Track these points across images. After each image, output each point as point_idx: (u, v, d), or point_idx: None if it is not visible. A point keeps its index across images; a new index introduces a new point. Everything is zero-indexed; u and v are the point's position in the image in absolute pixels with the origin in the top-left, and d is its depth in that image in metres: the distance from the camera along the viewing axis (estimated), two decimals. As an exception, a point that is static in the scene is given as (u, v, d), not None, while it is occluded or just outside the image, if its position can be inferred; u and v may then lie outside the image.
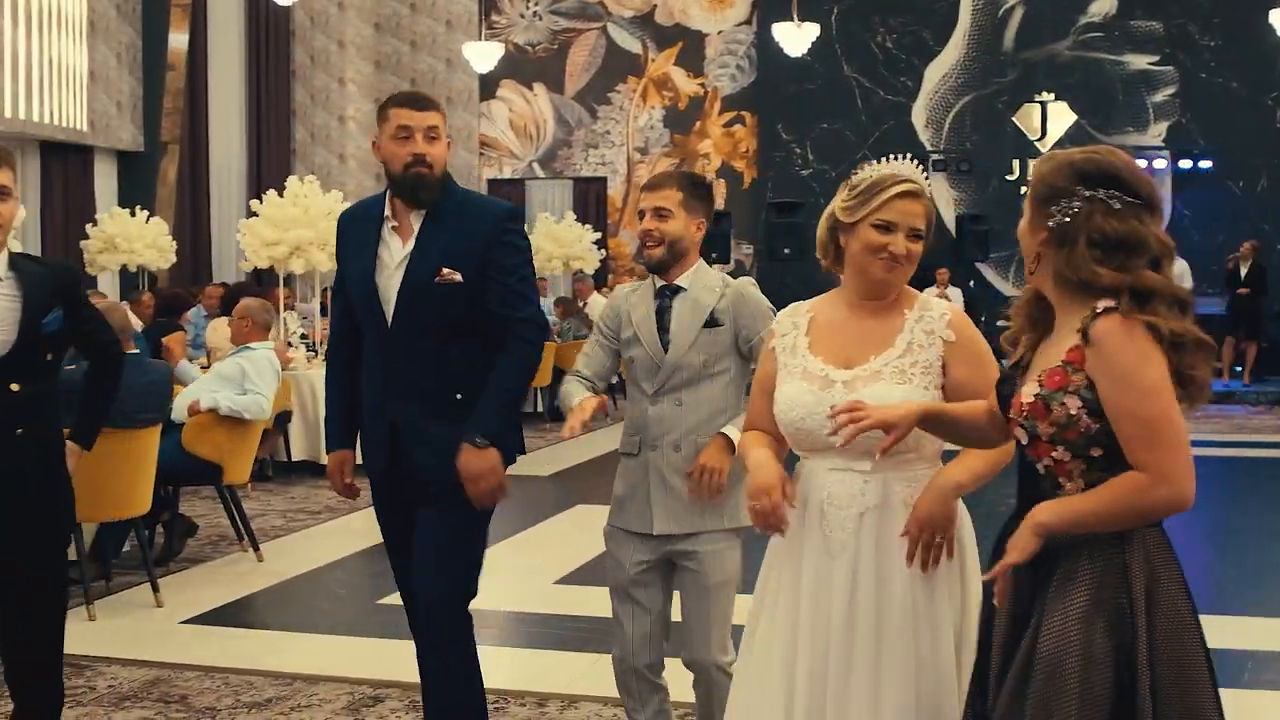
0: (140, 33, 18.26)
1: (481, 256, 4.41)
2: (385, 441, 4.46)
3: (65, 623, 4.67)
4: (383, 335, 4.43)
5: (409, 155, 4.36)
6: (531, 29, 23.20)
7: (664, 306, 4.43)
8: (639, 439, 4.41)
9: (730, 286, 4.42)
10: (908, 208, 3.42)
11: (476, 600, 7.46)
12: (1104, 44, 20.84)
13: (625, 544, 4.44)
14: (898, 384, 3.36)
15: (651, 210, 4.43)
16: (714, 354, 4.35)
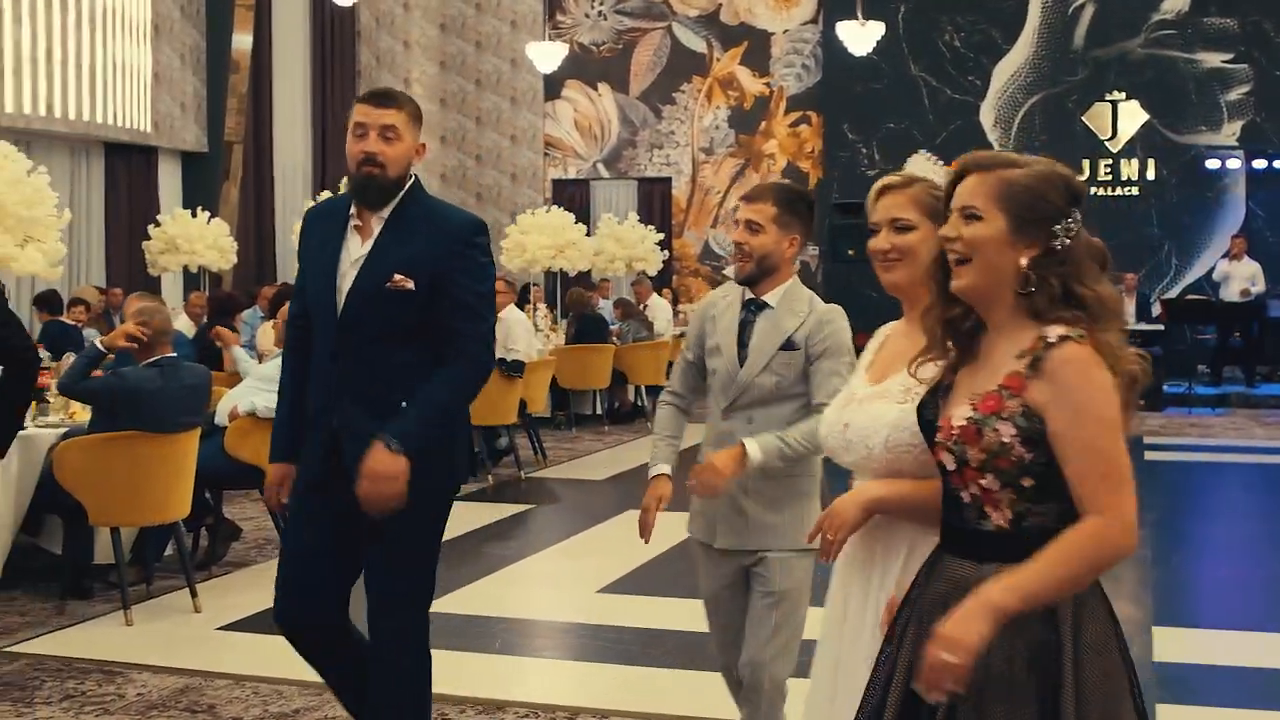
0: (204, 34, 18.34)
1: (438, 267, 4.28)
2: (324, 447, 4.33)
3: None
4: (330, 334, 4.32)
5: (360, 153, 4.25)
6: (596, 29, 23.12)
7: (748, 320, 4.35)
8: (712, 451, 4.31)
9: (814, 312, 4.31)
10: (887, 203, 3.36)
11: (514, 609, 7.43)
12: (1177, 41, 20.49)
13: (702, 554, 4.44)
14: (898, 403, 3.16)
15: (744, 223, 4.35)
16: (788, 376, 4.27)
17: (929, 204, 3.30)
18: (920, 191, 3.36)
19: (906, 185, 3.38)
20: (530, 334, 13.01)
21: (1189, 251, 20.31)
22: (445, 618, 7.25)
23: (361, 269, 4.29)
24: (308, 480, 4.41)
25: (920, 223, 3.31)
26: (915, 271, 3.27)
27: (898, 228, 3.33)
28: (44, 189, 8.33)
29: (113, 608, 7.21)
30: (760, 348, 4.28)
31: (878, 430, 3.14)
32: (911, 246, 3.31)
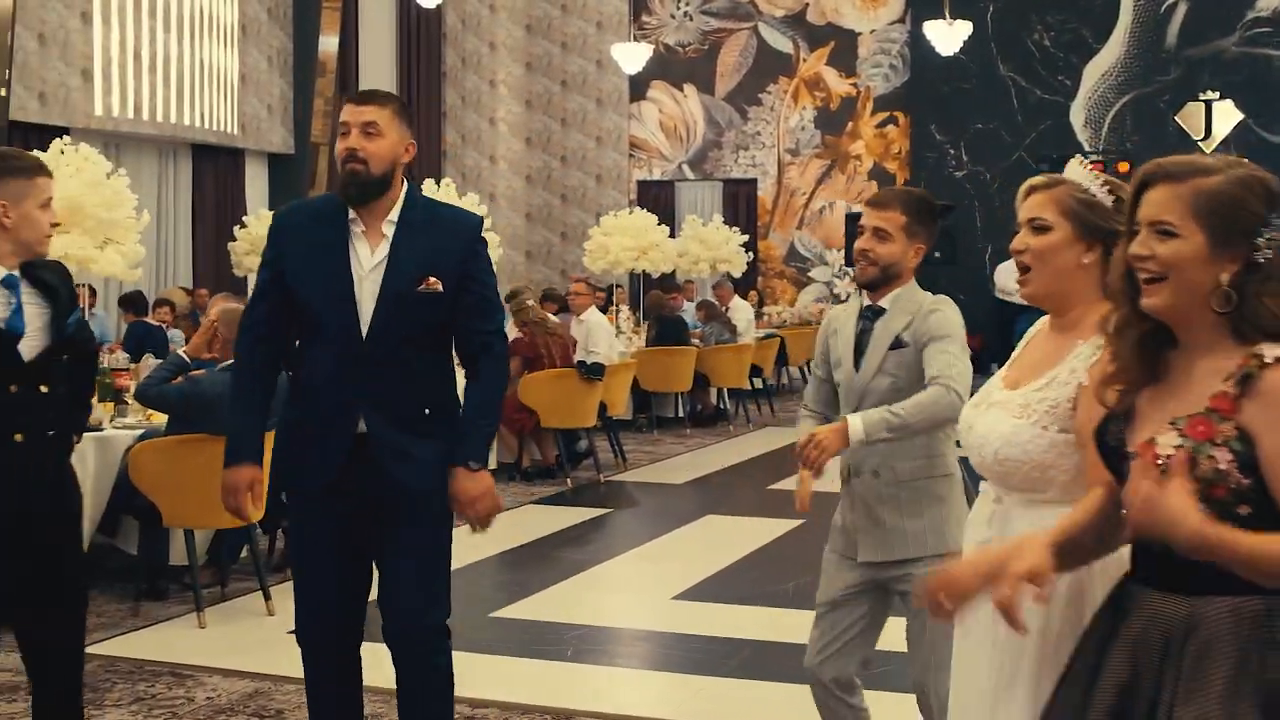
0: (291, 36, 18.45)
1: (459, 267, 4.33)
2: (340, 454, 4.30)
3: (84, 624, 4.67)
4: (353, 344, 4.28)
5: (343, 151, 4.25)
6: (682, 29, 23.03)
7: (865, 328, 4.29)
8: (847, 464, 4.31)
9: (921, 308, 4.22)
10: (1029, 203, 3.25)
11: (588, 615, 7.36)
12: (1273, 40, 20.08)
13: (838, 567, 4.34)
14: (1014, 417, 3.11)
15: (871, 230, 4.25)
16: (903, 376, 4.17)
17: (1070, 205, 3.19)
18: (1063, 193, 3.22)
19: (1051, 185, 3.25)
20: (611, 336, 12.95)
21: (1285, 254, 19.88)
22: (516, 624, 7.22)
23: (387, 274, 4.27)
24: (310, 488, 4.39)
25: (1058, 223, 3.19)
26: (1048, 277, 3.20)
27: (1035, 227, 3.22)
28: (123, 191, 8.36)
29: (187, 609, 7.22)
30: (873, 351, 4.23)
31: (990, 441, 3.12)
32: (1045, 249, 3.19)
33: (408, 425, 4.29)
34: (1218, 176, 2.57)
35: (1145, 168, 2.63)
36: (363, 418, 4.28)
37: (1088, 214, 3.17)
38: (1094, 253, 3.16)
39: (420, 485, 4.30)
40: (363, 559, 4.45)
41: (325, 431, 4.33)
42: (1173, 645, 2.50)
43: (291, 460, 4.43)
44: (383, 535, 4.37)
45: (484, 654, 6.68)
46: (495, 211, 21.69)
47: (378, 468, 4.26)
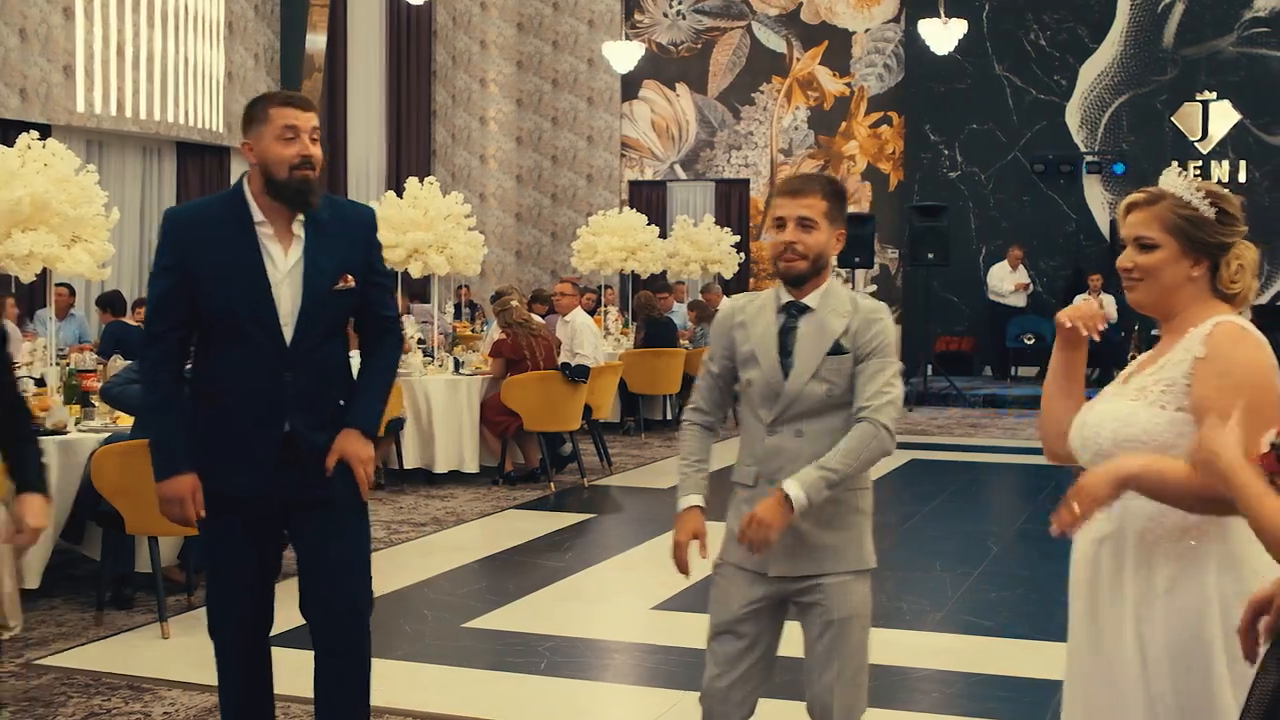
0: (278, 34, 18.27)
1: (364, 261, 4.41)
2: (271, 459, 4.31)
3: None
4: (276, 347, 4.27)
5: (296, 157, 4.22)
6: (674, 28, 22.82)
7: (789, 326, 4.00)
8: (755, 471, 4.01)
9: (859, 311, 3.99)
10: (1132, 220, 3.26)
11: (563, 626, 7.17)
12: (1271, 40, 19.86)
13: (736, 580, 4.03)
14: (1130, 399, 3.17)
15: (795, 220, 3.98)
16: (839, 384, 3.95)
17: (1173, 222, 3.20)
18: (1165, 209, 3.22)
19: (1152, 202, 3.24)
20: (597, 338, 12.77)
21: (1281, 256, 19.76)
22: (489, 634, 7.03)
23: (306, 276, 4.28)
24: (233, 495, 4.36)
25: (1164, 241, 3.21)
26: (1156, 291, 3.22)
27: (1141, 245, 3.23)
28: (91, 188, 8.13)
29: (151, 619, 7.03)
30: (807, 354, 3.95)
31: (1105, 424, 3.15)
32: (1153, 266, 3.22)
33: (328, 421, 4.34)
34: None
35: None
36: (288, 421, 4.31)
37: (1193, 230, 3.18)
38: (1201, 266, 3.19)
39: (347, 486, 4.36)
40: (275, 552, 4.56)
41: (252, 437, 4.31)
42: None
43: (212, 470, 4.35)
44: (303, 527, 4.42)
45: (454, 666, 6.51)
46: (485, 211, 21.53)
47: (304, 467, 4.30)
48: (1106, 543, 3.17)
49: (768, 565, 3.96)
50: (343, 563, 4.42)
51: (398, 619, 7.31)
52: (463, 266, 12.26)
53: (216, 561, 4.53)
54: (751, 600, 3.99)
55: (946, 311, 20.68)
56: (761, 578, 3.98)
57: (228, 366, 4.31)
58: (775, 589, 3.99)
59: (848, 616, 3.95)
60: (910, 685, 6.24)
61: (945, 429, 15.95)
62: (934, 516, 10.39)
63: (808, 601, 3.97)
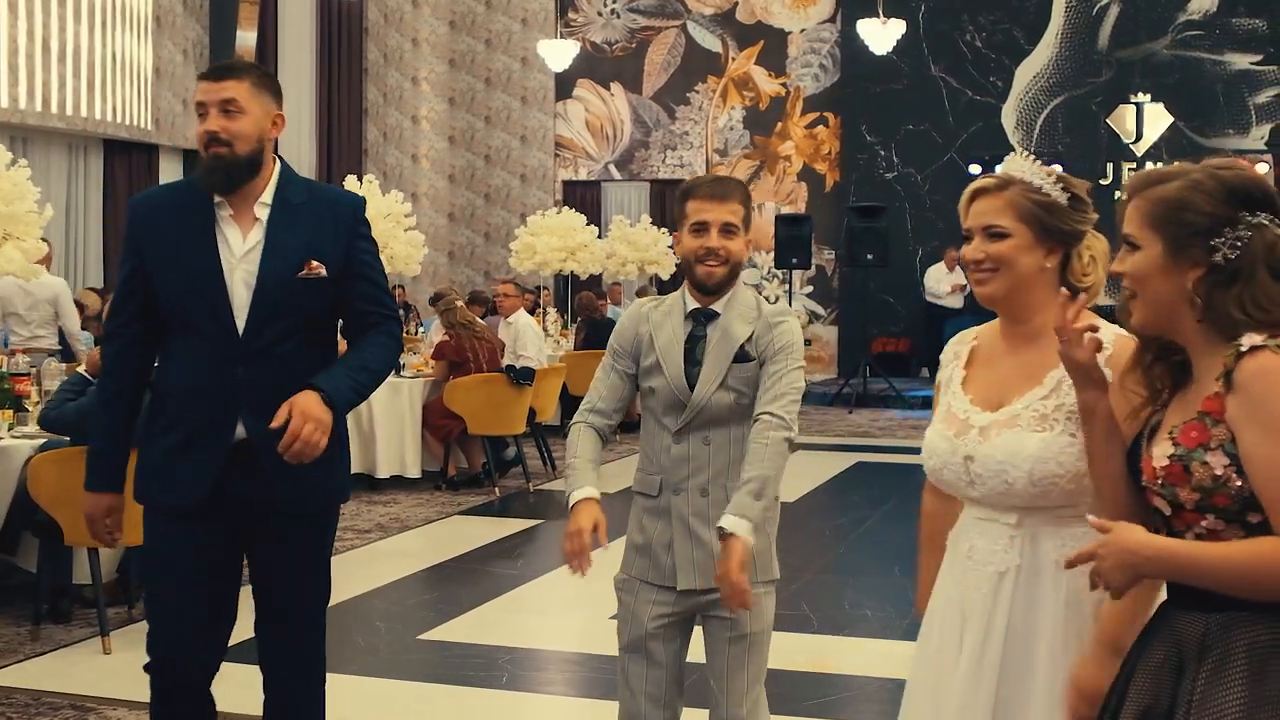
0: (208, 29, 17.89)
1: (343, 249, 3.93)
2: (215, 466, 3.86)
3: None
4: (227, 340, 3.85)
5: (203, 135, 3.86)
6: (609, 27, 22.62)
7: (697, 334, 3.88)
8: (659, 480, 3.86)
9: (762, 317, 3.88)
10: (980, 208, 3.05)
11: (521, 637, 6.95)
12: (1204, 43, 19.96)
13: (642, 595, 3.90)
14: (1035, 431, 2.93)
15: (720, 226, 3.83)
16: (747, 391, 3.82)
17: (1026, 208, 3.01)
18: (1017, 194, 3.01)
19: (1002, 188, 3.03)
20: (540, 340, 12.55)
21: (1215, 258, 19.80)
22: (445, 647, 6.79)
23: (263, 260, 3.85)
24: (181, 508, 3.90)
25: (1016, 229, 3.01)
26: (1011, 283, 3.02)
27: (991, 234, 3.02)
28: (23, 184, 7.82)
29: (92, 633, 6.74)
30: (713, 363, 3.82)
31: (1018, 464, 2.92)
32: (1006, 255, 3.01)
33: None
34: (1174, 182, 2.51)
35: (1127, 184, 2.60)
36: (242, 423, 3.86)
37: (1046, 217, 3.01)
38: (1054, 256, 3.03)
39: (307, 502, 3.94)
40: (229, 583, 4.03)
41: (198, 440, 3.89)
42: (1188, 664, 2.41)
43: (157, 475, 3.95)
44: (259, 554, 4.02)
45: (412, 680, 6.28)
46: (418, 211, 21.12)
47: (260, 480, 3.85)
48: (1010, 576, 2.98)
49: (676, 579, 3.84)
50: (299, 612, 4.06)
51: (349, 631, 7.06)
52: (403, 266, 12.02)
53: (153, 586, 4.11)
54: (660, 614, 3.87)
55: (883, 312, 20.60)
56: (669, 591, 3.85)
57: (179, 362, 3.92)
58: (686, 603, 3.87)
59: (760, 630, 3.88)
60: (885, 695, 6.06)
61: (888, 431, 15.86)
62: (888, 520, 10.25)
63: (716, 614, 3.82)
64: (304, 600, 4.08)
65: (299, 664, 4.14)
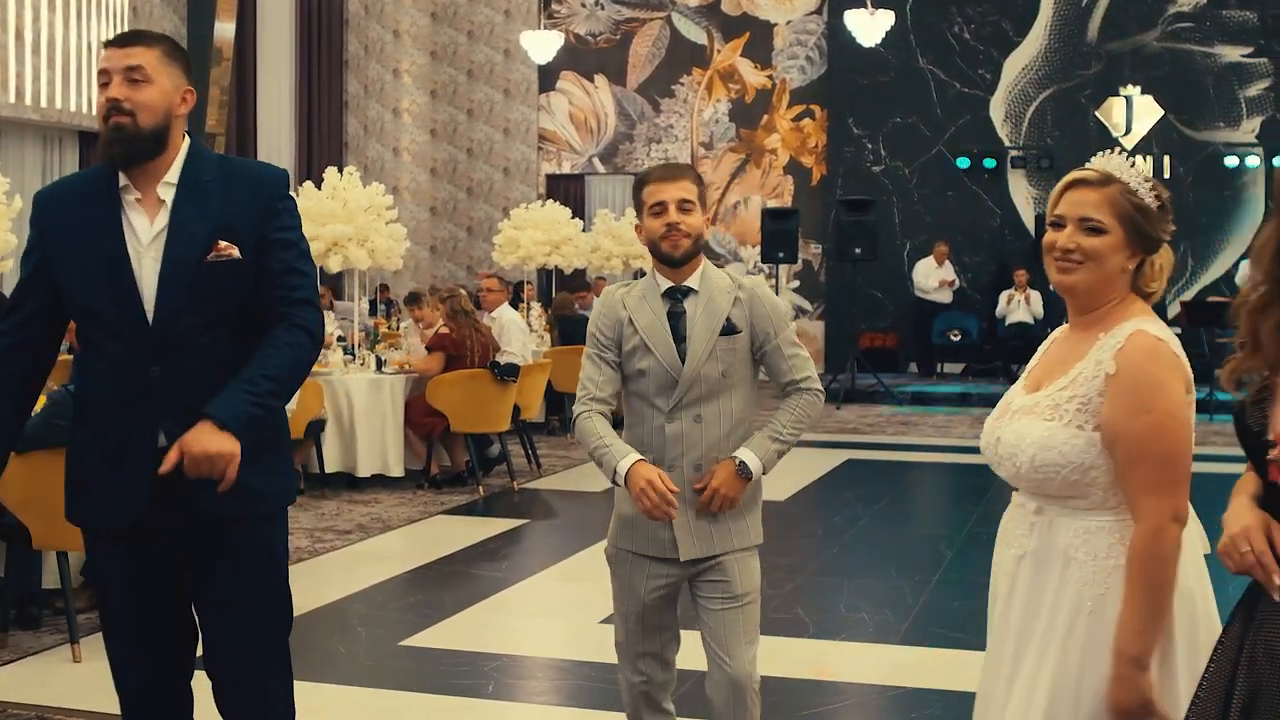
0: (185, 20, 17.60)
1: (259, 228, 3.55)
2: (141, 483, 3.48)
3: None
4: (139, 336, 3.48)
5: (104, 103, 3.51)
6: (593, 19, 22.36)
7: (676, 311, 4.11)
8: (651, 458, 4.03)
9: (743, 288, 4.16)
10: (1076, 197, 3.05)
11: (507, 643, 6.70)
12: (1194, 35, 19.79)
13: (639, 567, 4.14)
14: (1044, 419, 3.01)
15: (675, 203, 4.08)
16: (732, 363, 4.09)
17: (1124, 208, 3.03)
18: (1116, 193, 3.03)
19: (1104, 184, 3.04)
20: (525, 335, 12.32)
21: (1206, 252, 19.63)
22: (429, 654, 6.55)
23: (168, 244, 3.49)
24: (114, 530, 3.56)
25: (1113, 227, 3.03)
26: (1096, 279, 3.05)
27: (1088, 228, 3.03)
28: (-9, 174, 7.56)
29: (61, 640, 6.49)
30: (699, 337, 4.06)
31: (1023, 448, 3.01)
32: (1099, 251, 3.03)
33: None
34: None
35: None
36: (163, 430, 3.48)
37: (1141, 220, 3.04)
38: (1135, 259, 3.06)
39: (240, 512, 3.53)
40: (181, 602, 3.67)
41: (120, 453, 3.52)
42: None
43: (85, 494, 3.60)
44: (198, 580, 3.61)
45: (395, 690, 6.01)
46: (399, 205, 20.87)
47: (185, 493, 3.45)
48: (1027, 560, 3.08)
49: (672, 549, 4.06)
50: (233, 630, 3.62)
51: (329, 637, 6.81)
52: (384, 260, 11.74)
53: (106, 619, 3.74)
54: (658, 585, 4.11)
55: (871, 307, 20.41)
56: (667, 562, 4.08)
57: (93, 366, 3.58)
58: (683, 572, 4.10)
59: (750, 590, 4.09)
60: (885, 704, 5.83)
61: (877, 427, 15.64)
62: (881, 519, 10.03)
63: (712, 579, 4.08)
64: (257, 631, 3.65)
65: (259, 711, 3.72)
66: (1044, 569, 3.03)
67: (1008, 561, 3.13)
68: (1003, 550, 3.17)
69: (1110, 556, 2.95)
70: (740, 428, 4.10)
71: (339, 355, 11.34)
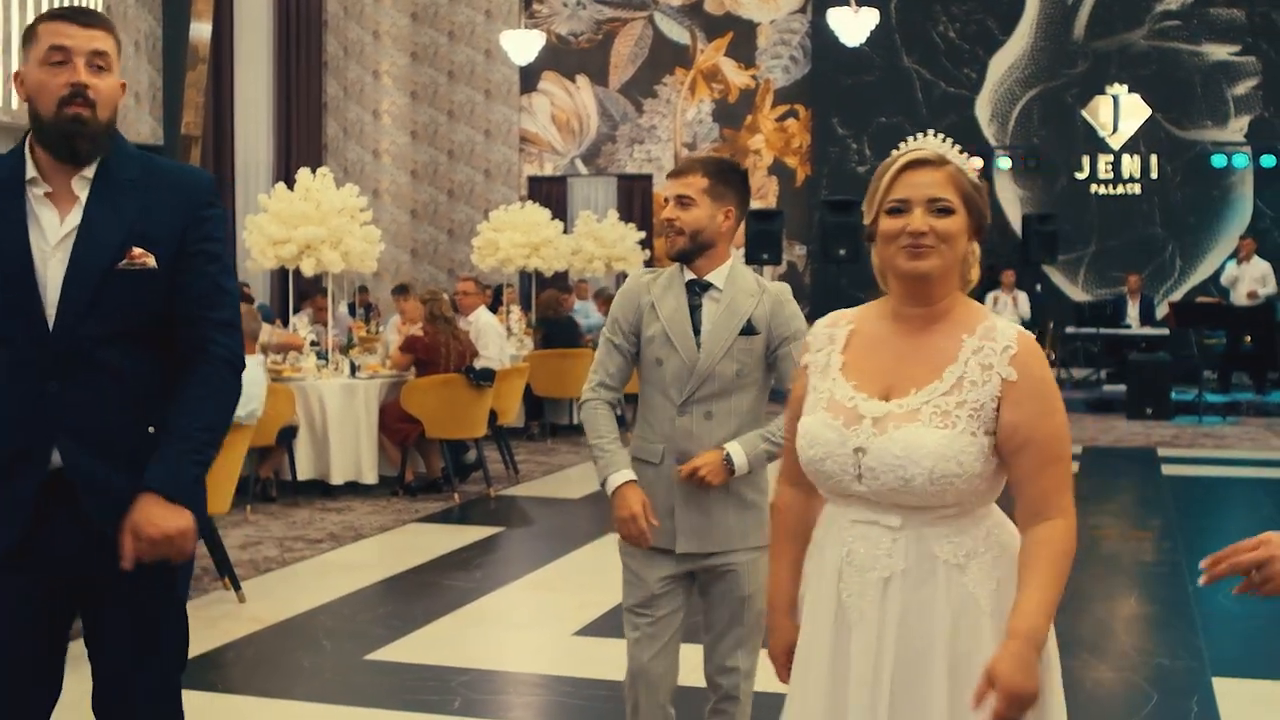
0: (160, 20, 17.34)
1: (179, 235, 3.24)
2: (27, 502, 3.17)
3: None
4: (37, 343, 3.18)
5: (64, 87, 3.17)
6: (574, 18, 22.14)
7: (694, 304, 4.11)
8: (663, 449, 4.10)
9: (767, 291, 4.15)
10: (918, 179, 2.87)
11: (478, 657, 6.48)
12: (1181, 33, 19.62)
13: (648, 559, 4.12)
14: (938, 427, 2.80)
15: (674, 199, 4.12)
16: (747, 363, 4.08)
17: (966, 189, 2.90)
18: (957, 173, 2.90)
19: (942, 163, 2.89)
20: (502, 339, 12.08)
21: (1194, 252, 19.46)
22: (395, 668, 6.32)
23: (76, 247, 3.18)
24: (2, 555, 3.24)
25: (959, 208, 2.88)
26: (950, 263, 2.88)
27: (938, 209, 2.86)
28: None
29: None
30: (717, 334, 4.06)
31: (919, 460, 2.78)
32: (952, 232, 2.87)
33: (123, 456, 3.19)
34: None
35: None
36: (58, 450, 3.19)
37: (979, 201, 2.93)
38: (973, 243, 2.94)
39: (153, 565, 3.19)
40: (52, 648, 3.32)
41: (9, 473, 3.20)
42: None
43: None
44: (90, 613, 3.29)
45: (357, 706, 5.78)
46: (379, 207, 20.75)
47: (78, 517, 3.17)
48: (896, 580, 2.85)
49: (675, 542, 4.07)
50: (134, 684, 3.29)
51: (293, 651, 6.59)
52: (358, 263, 11.50)
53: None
54: (664, 577, 4.11)
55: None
56: (669, 554, 4.08)
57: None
58: (685, 565, 4.11)
59: (756, 590, 4.07)
60: None
61: (862, 431, 15.41)
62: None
63: (718, 577, 4.11)
64: (151, 671, 3.32)
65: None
66: (924, 583, 2.84)
67: (868, 585, 2.86)
68: (850, 574, 2.89)
69: (988, 551, 2.85)
70: (748, 427, 4.09)
71: (312, 360, 11.11)
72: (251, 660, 6.52)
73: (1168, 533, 9.65)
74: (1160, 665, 6.46)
